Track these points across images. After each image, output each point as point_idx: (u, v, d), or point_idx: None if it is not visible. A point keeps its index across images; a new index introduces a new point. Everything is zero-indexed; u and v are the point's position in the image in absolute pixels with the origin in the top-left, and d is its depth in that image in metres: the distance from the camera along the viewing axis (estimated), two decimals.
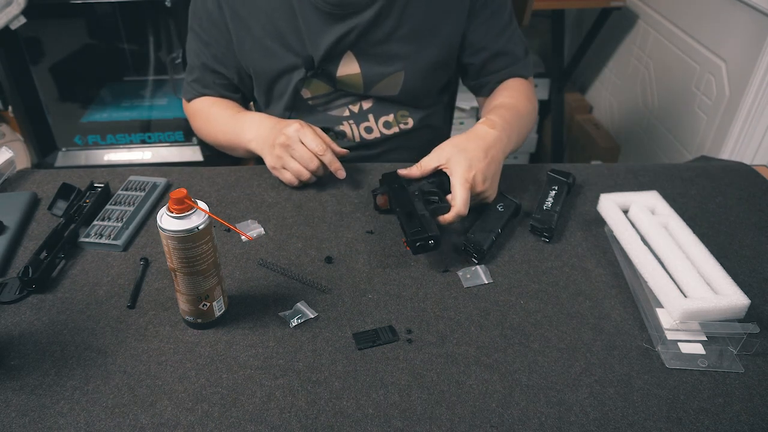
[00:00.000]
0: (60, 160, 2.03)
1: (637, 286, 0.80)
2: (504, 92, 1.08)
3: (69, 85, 2.00)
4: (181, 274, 0.69)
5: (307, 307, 0.77)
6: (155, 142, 2.04)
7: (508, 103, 1.03)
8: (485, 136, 0.92)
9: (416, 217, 0.83)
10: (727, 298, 0.72)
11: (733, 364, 0.70)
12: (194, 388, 0.67)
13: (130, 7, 1.85)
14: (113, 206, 0.94)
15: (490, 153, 0.90)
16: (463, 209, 0.85)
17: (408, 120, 1.14)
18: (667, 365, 0.70)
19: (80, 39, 1.93)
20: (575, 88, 2.58)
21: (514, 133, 0.98)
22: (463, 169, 0.86)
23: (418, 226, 0.81)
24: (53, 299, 0.79)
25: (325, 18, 0.99)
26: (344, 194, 0.99)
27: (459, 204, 0.85)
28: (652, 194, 0.91)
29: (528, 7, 1.85)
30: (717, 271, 0.76)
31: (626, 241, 0.84)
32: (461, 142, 0.91)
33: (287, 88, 1.08)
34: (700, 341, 0.73)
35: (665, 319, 0.74)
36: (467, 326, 0.75)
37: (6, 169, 1.03)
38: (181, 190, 0.65)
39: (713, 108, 1.66)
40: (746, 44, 1.52)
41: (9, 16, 1.68)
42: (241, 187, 1.01)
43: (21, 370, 0.69)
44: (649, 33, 2.01)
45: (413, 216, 0.84)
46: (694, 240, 0.82)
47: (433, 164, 0.90)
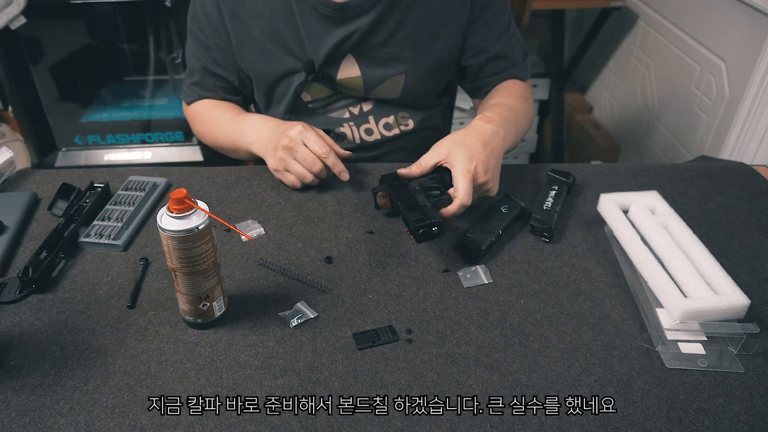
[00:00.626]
0: (60, 160, 2.03)
1: (637, 286, 0.79)
2: (500, 92, 1.08)
3: (69, 85, 2.00)
4: (181, 274, 0.69)
5: (307, 307, 0.77)
6: (155, 142, 2.04)
7: (505, 101, 1.04)
8: (482, 129, 0.92)
9: (418, 207, 0.83)
10: (727, 298, 0.72)
11: (733, 364, 0.70)
12: (194, 388, 0.67)
13: (130, 7, 1.85)
14: (113, 206, 0.94)
15: (489, 145, 0.90)
16: (467, 199, 0.85)
17: (408, 121, 1.14)
18: (667, 365, 0.70)
19: (80, 39, 1.93)
20: (575, 88, 2.58)
21: (510, 129, 0.98)
22: (464, 160, 0.86)
23: (420, 214, 0.81)
24: (53, 299, 0.79)
25: (325, 22, 0.99)
26: (344, 194, 0.99)
27: (462, 194, 0.84)
28: (652, 194, 0.91)
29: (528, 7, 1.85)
30: (717, 271, 0.76)
31: (626, 241, 0.84)
32: (459, 137, 0.91)
33: (287, 92, 1.08)
34: (700, 341, 0.73)
35: (665, 319, 0.74)
36: (467, 326, 0.75)
37: (6, 169, 1.03)
38: (181, 190, 0.65)
39: (713, 108, 1.66)
40: (746, 44, 1.52)
41: (9, 16, 1.68)
42: (241, 187, 1.01)
43: (21, 370, 0.69)
44: (649, 33, 2.01)
45: (415, 207, 0.83)
46: (694, 240, 0.82)
47: (433, 161, 0.90)
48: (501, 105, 1.02)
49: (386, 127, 1.13)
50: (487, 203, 0.94)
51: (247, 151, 1.05)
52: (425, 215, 0.81)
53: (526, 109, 1.07)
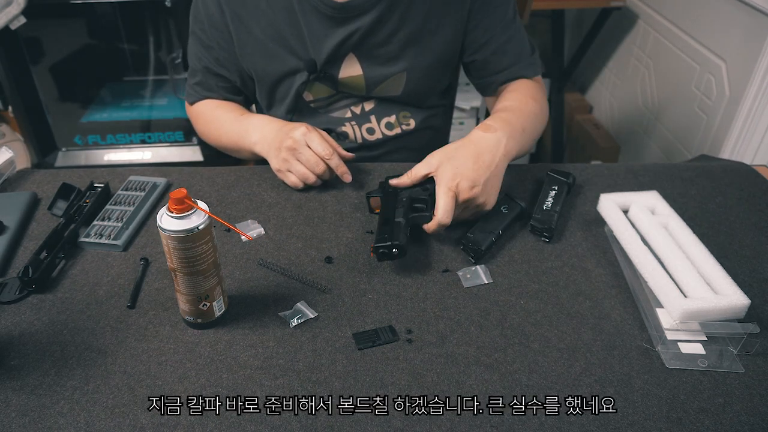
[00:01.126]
0: (60, 160, 2.03)
1: (637, 286, 0.79)
2: (507, 95, 1.06)
3: (69, 85, 2.00)
4: (181, 274, 0.69)
5: (307, 307, 0.77)
6: (155, 142, 2.04)
7: (510, 105, 1.01)
8: (478, 141, 0.89)
9: (390, 224, 0.83)
10: (727, 298, 0.72)
11: (733, 364, 0.70)
12: (194, 388, 0.67)
13: (130, 7, 1.85)
14: (113, 206, 0.94)
15: (482, 158, 0.87)
16: (445, 218, 0.83)
17: (410, 121, 1.14)
18: (667, 365, 0.70)
19: (80, 39, 1.93)
20: (575, 88, 2.58)
21: (516, 135, 0.94)
22: (447, 177, 0.85)
23: (387, 232, 0.81)
24: (53, 299, 0.79)
25: (327, 21, 0.99)
26: (344, 194, 0.99)
27: (440, 213, 0.83)
28: (652, 194, 0.91)
29: (528, 7, 1.86)
30: (717, 271, 0.76)
31: (626, 241, 0.83)
32: (451, 150, 0.89)
33: (289, 91, 1.08)
34: (700, 341, 0.73)
35: (665, 319, 0.74)
36: (467, 326, 0.75)
37: (6, 169, 1.03)
38: (181, 190, 0.65)
39: (713, 108, 1.66)
40: (746, 44, 1.52)
41: (9, 16, 1.68)
42: (241, 187, 1.01)
43: (21, 370, 0.69)
44: (649, 33, 2.01)
45: (388, 223, 0.84)
46: (694, 240, 0.82)
47: (423, 172, 0.89)
48: (506, 110, 0.99)
49: (388, 126, 1.13)
50: None
51: (250, 151, 1.05)
52: (390, 235, 0.81)
53: (535, 109, 1.03)
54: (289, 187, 1.00)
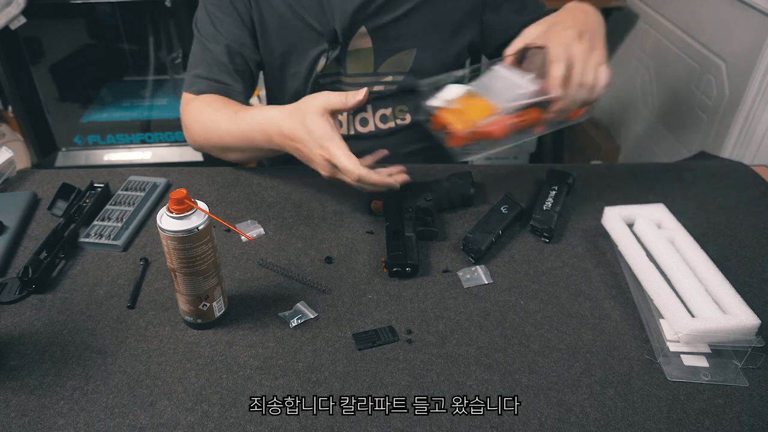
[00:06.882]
0: (60, 160, 2.03)
1: (642, 301, 0.77)
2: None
3: (69, 85, 2.00)
4: (181, 274, 0.69)
5: (307, 307, 0.77)
6: (155, 142, 2.04)
7: None
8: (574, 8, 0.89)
9: (401, 238, 0.84)
10: (737, 318, 0.69)
11: (738, 377, 0.68)
12: (194, 388, 0.67)
13: (130, 7, 1.85)
14: (113, 206, 0.94)
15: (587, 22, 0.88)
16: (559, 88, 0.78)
17: (406, 116, 1.13)
18: (668, 378, 0.68)
19: (80, 39, 1.93)
20: None
21: None
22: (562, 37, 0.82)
23: (400, 249, 0.82)
24: (53, 299, 0.79)
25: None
26: (344, 194, 0.99)
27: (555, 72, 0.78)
28: (658, 207, 0.88)
29: None
30: (726, 289, 0.73)
31: (631, 256, 0.81)
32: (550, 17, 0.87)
33: (302, 67, 1.06)
34: (703, 353, 0.71)
35: (668, 330, 0.72)
36: (467, 326, 0.75)
37: (6, 169, 1.03)
38: (181, 190, 0.65)
39: (713, 108, 1.66)
40: (746, 44, 1.52)
41: (9, 16, 1.68)
42: (241, 187, 1.01)
43: (21, 370, 0.69)
44: (649, 33, 2.01)
45: (399, 236, 0.84)
46: (702, 256, 0.79)
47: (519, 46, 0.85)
48: None
49: (382, 119, 1.12)
50: (487, 203, 0.94)
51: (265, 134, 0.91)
52: (404, 252, 0.82)
53: None
54: (289, 187, 1.00)
